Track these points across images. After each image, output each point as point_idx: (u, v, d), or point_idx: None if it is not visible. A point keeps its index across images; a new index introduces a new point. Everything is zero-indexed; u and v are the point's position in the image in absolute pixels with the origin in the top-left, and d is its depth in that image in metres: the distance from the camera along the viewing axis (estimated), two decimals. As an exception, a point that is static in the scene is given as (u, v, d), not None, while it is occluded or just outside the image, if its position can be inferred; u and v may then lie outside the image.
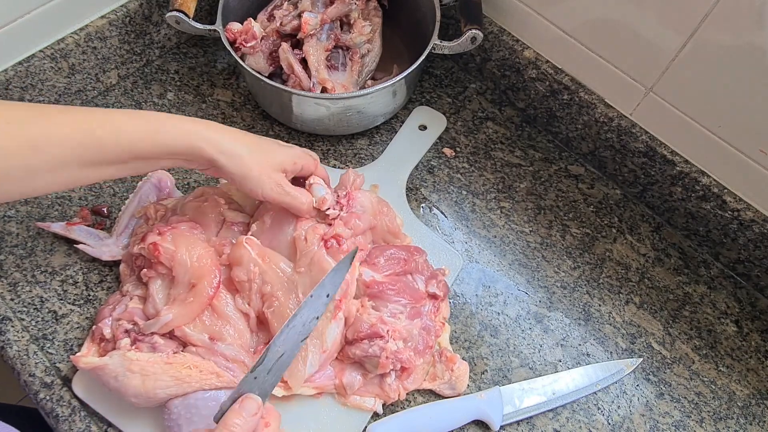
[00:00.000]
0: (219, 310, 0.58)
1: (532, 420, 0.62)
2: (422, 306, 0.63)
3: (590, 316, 0.69)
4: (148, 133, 0.51)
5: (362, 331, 0.58)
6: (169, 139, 0.52)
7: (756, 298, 0.72)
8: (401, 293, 0.61)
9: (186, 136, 0.53)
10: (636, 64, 0.68)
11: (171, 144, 0.52)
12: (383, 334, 0.58)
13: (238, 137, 0.56)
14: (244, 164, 0.55)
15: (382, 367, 0.58)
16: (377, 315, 0.60)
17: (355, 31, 0.76)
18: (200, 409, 0.54)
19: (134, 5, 0.77)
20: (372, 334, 0.58)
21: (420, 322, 0.61)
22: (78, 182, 0.51)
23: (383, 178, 0.75)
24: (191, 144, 0.53)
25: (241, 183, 0.56)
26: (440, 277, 0.65)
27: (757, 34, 0.56)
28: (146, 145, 0.51)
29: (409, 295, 0.62)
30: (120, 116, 0.52)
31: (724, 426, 0.63)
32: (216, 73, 0.84)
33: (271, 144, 0.60)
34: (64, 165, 0.48)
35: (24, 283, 0.65)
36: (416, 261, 0.64)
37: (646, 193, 0.76)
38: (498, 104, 0.84)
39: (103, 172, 0.51)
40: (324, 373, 0.60)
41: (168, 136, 0.52)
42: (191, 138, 0.53)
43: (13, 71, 0.69)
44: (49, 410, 0.58)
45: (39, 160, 0.47)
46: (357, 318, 0.59)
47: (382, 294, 0.61)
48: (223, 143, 0.54)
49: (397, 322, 0.60)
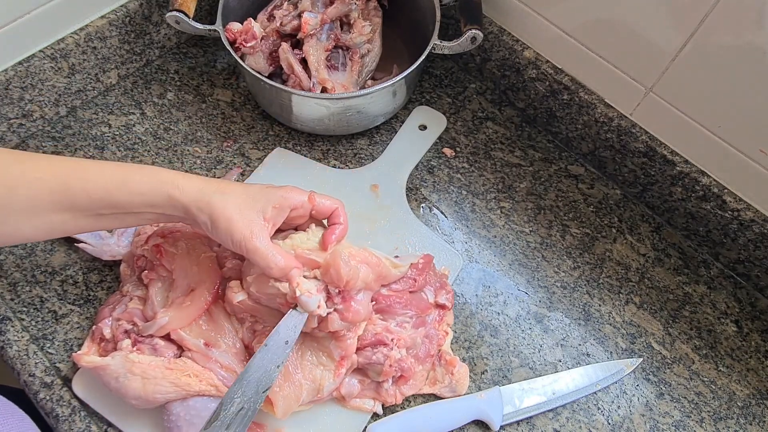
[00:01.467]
0: (216, 318, 0.58)
1: (532, 420, 0.62)
2: (427, 315, 0.62)
3: (590, 316, 0.69)
4: (120, 183, 0.50)
5: (366, 339, 0.58)
6: (143, 188, 0.50)
7: (756, 298, 0.72)
8: (409, 305, 0.61)
9: (160, 185, 0.50)
10: (636, 64, 0.68)
11: (146, 193, 0.50)
12: (388, 342, 0.58)
13: (214, 184, 0.51)
14: (213, 210, 0.50)
15: (385, 374, 0.58)
16: (383, 325, 0.59)
17: (355, 31, 0.76)
18: (200, 411, 0.54)
19: (134, 5, 0.77)
20: (376, 342, 0.58)
21: (424, 331, 0.61)
22: (56, 230, 0.50)
23: (383, 178, 0.75)
24: (164, 191, 0.50)
25: (211, 232, 0.51)
26: (448, 287, 0.65)
27: (757, 34, 0.56)
28: (120, 195, 0.50)
29: (416, 307, 0.61)
30: (92, 166, 0.50)
31: (724, 426, 0.63)
32: (216, 73, 0.84)
33: (258, 190, 0.53)
34: (38, 209, 0.48)
35: (24, 283, 0.65)
36: (425, 277, 0.62)
37: (646, 193, 0.76)
38: (498, 104, 0.84)
39: (80, 222, 0.51)
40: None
41: (141, 185, 0.50)
42: (165, 186, 0.50)
43: (13, 71, 0.69)
44: (49, 410, 0.58)
45: (14, 201, 0.47)
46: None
47: (390, 308, 0.60)
48: (195, 189, 0.50)
49: (403, 331, 0.60)
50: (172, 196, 0.50)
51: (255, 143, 0.78)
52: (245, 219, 0.50)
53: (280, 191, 0.53)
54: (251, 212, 0.51)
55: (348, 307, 0.53)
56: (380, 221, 0.72)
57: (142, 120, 0.78)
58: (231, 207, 0.50)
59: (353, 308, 0.53)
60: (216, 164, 0.76)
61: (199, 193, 0.50)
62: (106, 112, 0.78)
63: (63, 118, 0.77)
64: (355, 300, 0.54)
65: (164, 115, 0.79)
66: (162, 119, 0.79)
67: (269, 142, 0.78)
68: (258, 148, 0.77)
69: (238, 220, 0.50)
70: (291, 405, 0.56)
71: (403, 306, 0.61)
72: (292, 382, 0.56)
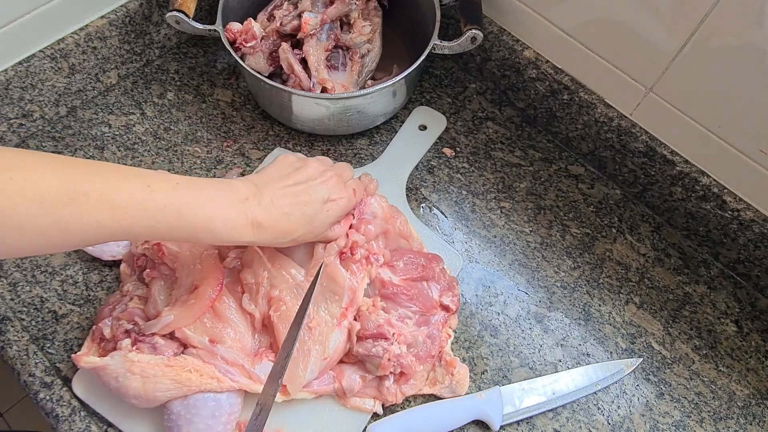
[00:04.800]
0: (220, 313, 0.58)
1: (532, 420, 0.62)
2: (432, 315, 0.63)
3: (590, 316, 0.69)
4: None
5: (368, 330, 0.59)
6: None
7: (756, 298, 0.72)
8: (414, 299, 0.61)
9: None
10: (636, 64, 0.68)
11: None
12: (388, 336, 0.58)
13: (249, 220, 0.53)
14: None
15: (383, 368, 0.58)
16: (386, 317, 0.60)
17: (355, 31, 0.76)
18: (200, 410, 0.54)
19: (134, 5, 0.77)
20: (377, 335, 0.58)
21: (426, 330, 0.61)
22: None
23: (383, 178, 0.75)
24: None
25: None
26: (456, 290, 0.65)
27: (757, 34, 0.56)
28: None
29: (421, 303, 0.62)
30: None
31: (724, 426, 0.63)
32: (216, 73, 0.84)
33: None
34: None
35: (24, 283, 0.65)
36: (434, 269, 0.64)
37: (646, 193, 0.76)
38: (498, 104, 0.84)
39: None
40: (323, 379, 0.60)
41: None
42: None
43: (13, 71, 0.69)
44: (49, 410, 0.58)
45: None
46: (365, 316, 0.59)
47: (395, 297, 0.61)
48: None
49: (405, 327, 0.60)
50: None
51: (255, 143, 0.78)
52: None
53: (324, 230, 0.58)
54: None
55: (361, 222, 0.61)
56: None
57: (142, 120, 0.78)
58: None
59: (366, 224, 0.61)
60: (216, 164, 0.76)
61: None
62: (106, 112, 0.78)
63: (63, 118, 0.77)
64: (368, 221, 0.61)
65: (164, 115, 0.79)
66: (162, 119, 0.79)
67: (269, 142, 0.78)
68: (258, 148, 0.77)
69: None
70: (298, 374, 0.57)
71: (409, 299, 0.61)
72: (300, 349, 0.57)
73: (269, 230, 0.52)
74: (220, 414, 0.55)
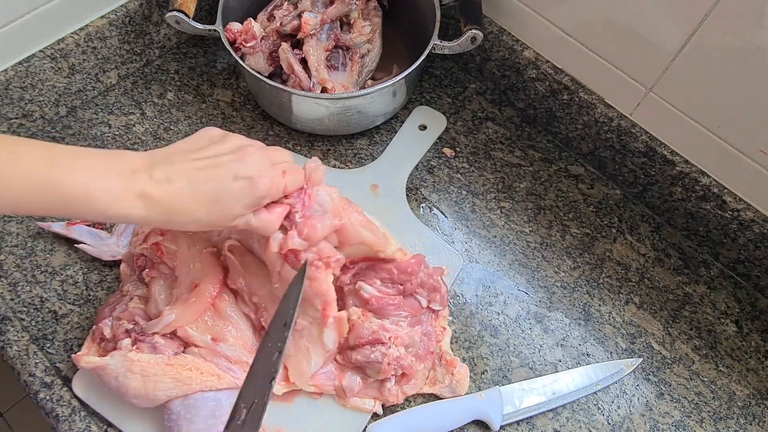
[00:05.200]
0: (221, 311, 0.58)
1: (532, 420, 0.62)
2: (422, 314, 0.63)
3: (590, 316, 0.69)
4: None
5: (364, 338, 0.58)
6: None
7: (756, 298, 0.72)
8: (401, 307, 0.61)
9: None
10: (636, 64, 0.68)
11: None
12: (385, 341, 0.58)
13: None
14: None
15: (383, 372, 0.58)
16: (379, 322, 0.60)
17: (355, 31, 0.76)
18: (200, 410, 0.54)
19: (134, 5, 0.77)
20: (374, 341, 0.58)
21: (421, 329, 0.61)
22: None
23: (383, 178, 0.75)
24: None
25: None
26: (442, 288, 0.63)
27: (757, 34, 0.56)
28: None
29: (409, 308, 0.61)
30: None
31: (724, 426, 0.63)
32: (216, 73, 0.84)
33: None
34: None
35: (24, 283, 0.65)
36: (411, 282, 0.60)
37: (646, 193, 0.76)
38: (498, 104, 0.84)
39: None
40: (325, 372, 0.59)
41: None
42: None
43: (13, 71, 0.69)
44: (49, 410, 0.58)
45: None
46: (358, 324, 0.59)
47: (382, 310, 0.60)
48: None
49: (399, 329, 0.60)
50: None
51: (255, 143, 0.78)
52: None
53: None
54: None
55: (306, 222, 0.52)
56: (380, 221, 0.72)
57: (142, 120, 0.78)
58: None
59: (310, 223, 0.51)
60: (216, 164, 0.76)
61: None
62: (106, 112, 0.78)
63: (63, 118, 0.77)
64: (315, 218, 0.52)
65: (164, 115, 0.79)
66: (162, 119, 0.79)
67: (269, 142, 0.78)
68: (258, 148, 0.77)
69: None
70: (303, 369, 0.57)
71: (396, 308, 0.61)
72: (299, 348, 0.57)
73: (161, 206, 0.46)
74: (221, 414, 0.55)
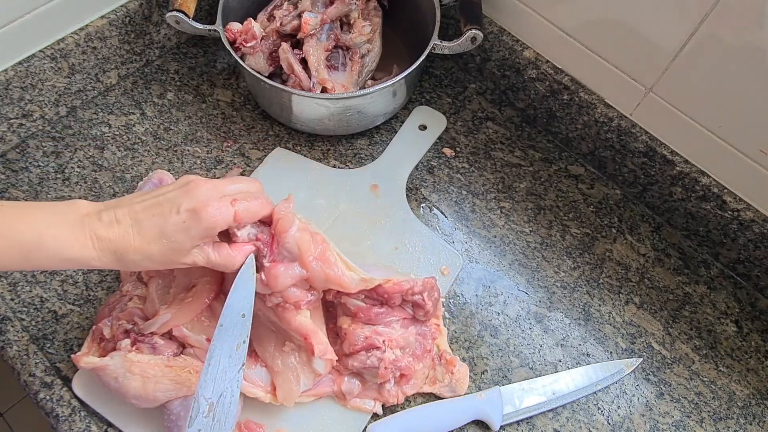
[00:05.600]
0: (218, 312, 0.58)
1: (532, 420, 0.62)
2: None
3: (590, 316, 0.69)
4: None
5: (358, 344, 0.58)
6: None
7: (756, 298, 0.72)
8: (390, 314, 0.60)
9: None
10: (636, 64, 0.68)
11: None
12: (380, 345, 0.58)
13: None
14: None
15: (381, 376, 0.58)
16: (371, 327, 0.59)
17: (355, 31, 0.76)
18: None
19: (134, 5, 0.77)
20: (368, 346, 0.58)
21: (415, 329, 0.61)
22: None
23: (383, 178, 0.75)
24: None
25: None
26: (428, 307, 0.60)
27: (757, 34, 0.56)
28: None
29: (398, 314, 0.60)
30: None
31: (724, 426, 0.63)
32: (216, 73, 0.84)
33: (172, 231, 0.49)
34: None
35: (24, 283, 0.65)
36: (394, 302, 0.59)
37: (646, 193, 0.76)
38: (498, 104, 0.84)
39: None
40: (322, 381, 0.59)
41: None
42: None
43: (13, 71, 0.69)
44: (49, 410, 0.58)
45: None
46: (350, 332, 0.59)
47: (370, 320, 0.59)
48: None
49: (393, 331, 0.60)
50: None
51: (255, 143, 0.78)
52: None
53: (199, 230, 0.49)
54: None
55: (269, 271, 0.52)
56: (380, 221, 0.72)
57: (142, 120, 0.78)
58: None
59: (272, 273, 0.52)
60: (216, 164, 0.76)
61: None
62: (106, 112, 0.78)
63: (63, 118, 0.77)
64: (279, 266, 0.52)
65: (164, 115, 0.79)
66: (162, 119, 0.79)
67: (269, 142, 0.78)
68: (258, 148, 0.77)
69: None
70: (292, 388, 0.56)
71: (385, 314, 0.59)
72: (287, 366, 0.56)
73: (112, 245, 0.47)
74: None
